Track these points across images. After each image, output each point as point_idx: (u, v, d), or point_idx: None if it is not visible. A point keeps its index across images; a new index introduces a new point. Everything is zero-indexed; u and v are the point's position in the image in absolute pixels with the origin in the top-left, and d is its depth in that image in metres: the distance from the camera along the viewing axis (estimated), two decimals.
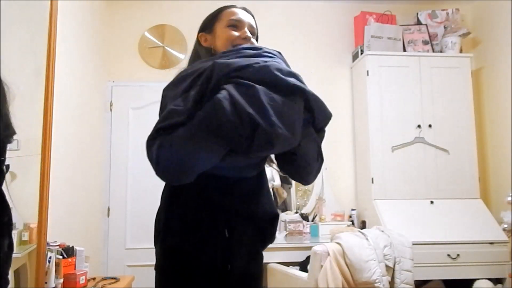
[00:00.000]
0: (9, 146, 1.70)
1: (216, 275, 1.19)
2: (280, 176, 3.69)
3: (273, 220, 1.32)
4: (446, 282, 3.11)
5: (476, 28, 3.85)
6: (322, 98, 1.34)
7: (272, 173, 3.63)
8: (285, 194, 3.70)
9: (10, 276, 1.60)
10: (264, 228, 1.29)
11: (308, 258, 2.85)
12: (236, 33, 1.30)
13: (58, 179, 2.36)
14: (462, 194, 3.36)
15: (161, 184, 1.26)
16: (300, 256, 3.13)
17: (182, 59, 3.70)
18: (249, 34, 1.30)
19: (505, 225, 2.92)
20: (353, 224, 3.51)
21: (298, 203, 3.75)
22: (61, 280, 2.09)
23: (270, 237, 1.33)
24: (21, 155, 1.79)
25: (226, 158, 1.08)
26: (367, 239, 2.62)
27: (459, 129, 3.44)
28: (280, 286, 2.81)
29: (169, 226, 1.20)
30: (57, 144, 2.29)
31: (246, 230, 1.24)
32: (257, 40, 1.38)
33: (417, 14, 3.77)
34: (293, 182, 3.78)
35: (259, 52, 1.17)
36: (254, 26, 1.35)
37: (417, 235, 2.92)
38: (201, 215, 1.19)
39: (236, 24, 1.31)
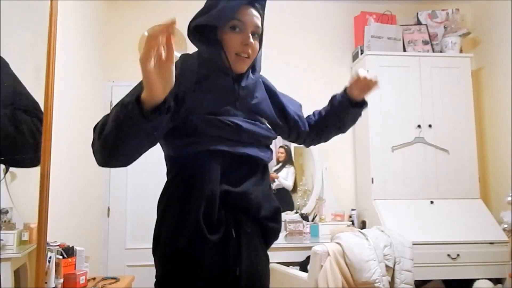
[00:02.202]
0: None
1: (226, 280, 1.14)
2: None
3: (276, 214, 1.28)
4: (446, 282, 3.11)
5: (476, 28, 3.85)
6: (322, 98, 1.37)
7: (287, 173, 3.67)
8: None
9: (10, 276, 1.60)
10: (268, 227, 1.26)
11: (308, 258, 2.86)
12: (238, 40, 1.21)
13: (58, 179, 2.36)
14: (462, 194, 3.36)
15: (162, 183, 1.25)
16: (300, 256, 3.13)
17: None
18: (251, 41, 1.21)
19: (505, 225, 2.92)
20: (353, 224, 3.51)
21: (298, 203, 3.75)
22: (61, 280, 2.09)
23: (274, 234, 1.29)
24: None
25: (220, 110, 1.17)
26: (367, 239, 2.62)
27: (459, 129, 3.44)
28: (280, 286, 2.81)
29: (174, 228, 1.13)
30: (57, 144, 2.29)
31: (252, 229, 1.21)
32: (261, 38, 1.30)
33: (417, 14, 3.77)
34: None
35: None
36: (260, 24, 1.26)
37: (417, 235, 2.92)
38: (208, 213, 1.13)
39: (237, 25, 1.21)
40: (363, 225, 3.46)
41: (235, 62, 1.22)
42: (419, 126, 3.42)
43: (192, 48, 1.27)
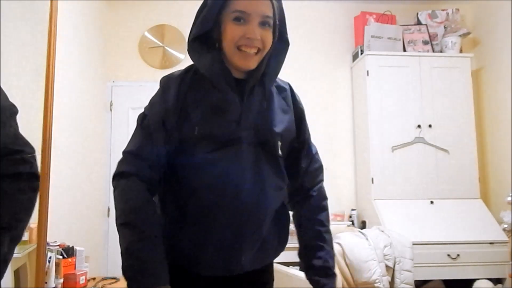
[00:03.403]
0: None
1: (220, 277, 1.13)
2: None
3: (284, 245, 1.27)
4: (446, 282, 3.11)
5: (476, 28, 3.85)
6: (322, 98, 1.33)
7: None
8: None
9: (10, 276, 1.60)
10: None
11: None
12: (241, 33, 1.03)
13: (58, 179, 2.36)
14: (462, 194, 3.36)
15: None
16: None
17: (182, 59, 3.70)
18: (256, 33, 1.02)
19: (505, 225, 2.92)
20: (353, 224, 3.51)
21: None
22: (61, 280, 2.09)
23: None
24: None
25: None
26: (367, 239, 2.63)
27: (459, 129, 3.44)
28: (280, 286, 2.81)
29: (176, 245, 1.10)
30: (57, 144, 2.29)
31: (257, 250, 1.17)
32: (279, 30, 1.09)
33: (417, 14, 3.77)
34: None
35: None
36: (271, 13, 1.05)
37: (417, 235, 2.92)
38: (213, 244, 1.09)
39: (241, 17, 1.03)
40: (363, 225, 3.46)
41: (234, 57, 1.05)
42: (419, 126, 3.42)
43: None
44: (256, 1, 1.03)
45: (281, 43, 1.12)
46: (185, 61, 3.68)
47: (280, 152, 1.14)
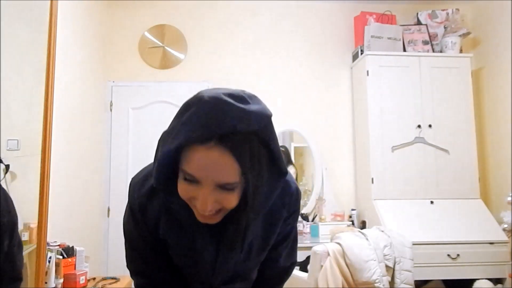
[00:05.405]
0: (9, 146, 1.70)
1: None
2: None
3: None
4: (446, 282, 3.11)
5: (476, 28, 3.85)
6: (322, 98, 1.31)
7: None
8: None
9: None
10: None
11: (308, 258, 2.85)
12: (192, 194, 0.78)
13: (58, 179, 2.36)
14: (462, 194, 3.36)
15: None
16: (300, 256, 3.10)
17: (182, 59, 3.70)
18: (207, 204, 0.76)
19: (505, 225, 2.92)
20: (353, 224, 3.51)
21: None
22: (61, 280, 2.09)
23: None
24: (21, 155, 1.79)
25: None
26: (367, 239, 2.62)
27: (459, 129, 3.44)
28: None
29: None
30: (57, 144, 2.29)
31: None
32: (253, 175, 0.76)
33: (417, 14, 3.77)
34: None
35: None
36: (234, 178, 0.74)
37: (417, 235, 2.92)
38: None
39: (192, 180, 0.77)
40: (363, 225, 3.46)
41: (194, 211, 0.83)
42: (419, 126, 3.42)
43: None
44: (209, 162, 0.73)
45: (274, 178, 0.85)
46: (185, 61, 3.69)
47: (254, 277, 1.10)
